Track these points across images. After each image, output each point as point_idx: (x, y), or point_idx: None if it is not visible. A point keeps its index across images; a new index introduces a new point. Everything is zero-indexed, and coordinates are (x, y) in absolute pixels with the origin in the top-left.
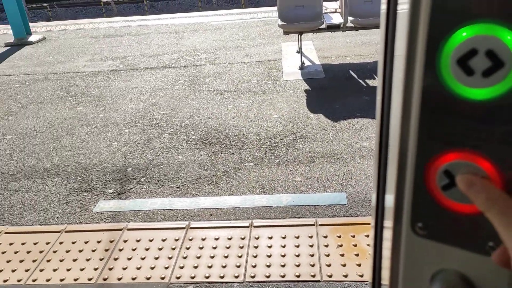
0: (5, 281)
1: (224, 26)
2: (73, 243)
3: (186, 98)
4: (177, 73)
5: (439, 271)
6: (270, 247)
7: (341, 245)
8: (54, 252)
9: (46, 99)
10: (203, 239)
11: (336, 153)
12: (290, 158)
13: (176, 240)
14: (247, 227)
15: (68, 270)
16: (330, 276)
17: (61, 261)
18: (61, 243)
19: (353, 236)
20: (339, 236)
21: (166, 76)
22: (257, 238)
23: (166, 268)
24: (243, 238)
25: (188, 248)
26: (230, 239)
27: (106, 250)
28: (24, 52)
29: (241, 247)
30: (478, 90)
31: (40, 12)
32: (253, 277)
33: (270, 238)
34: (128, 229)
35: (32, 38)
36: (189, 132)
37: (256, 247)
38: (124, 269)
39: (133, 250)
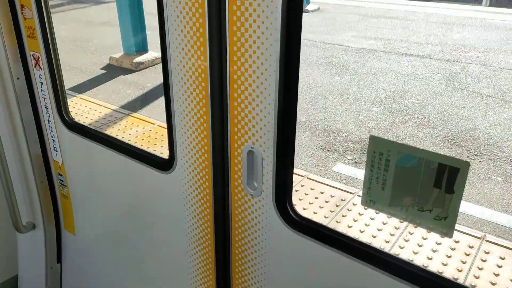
0: None
1: (502, 26)
2: (311, 189)
3: (441, 93)
4: (437, 66)
5: None
6: (500, 266)
7: None
8: (296, 191)
9: (311, 63)
10: (428, 232)
11: None
12: None
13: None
14: (478, 238)
15: (304, 209)
16: None
17: (299, 200)
18: (302, 186)
19: None
20: None
21: (424, 66)
22: (487, 253)
23: (387, 242)
24: (471, 247)
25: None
26: (457, 242)
27: (337, 206)
28: None
29: (467, 254)
30: None
31: None
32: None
33: (502, 258)
34: (359, 195)
35: (309, 7)
36: (436, 127)
37: (483, 261)
38: (350, 227)
39: (360, 214)
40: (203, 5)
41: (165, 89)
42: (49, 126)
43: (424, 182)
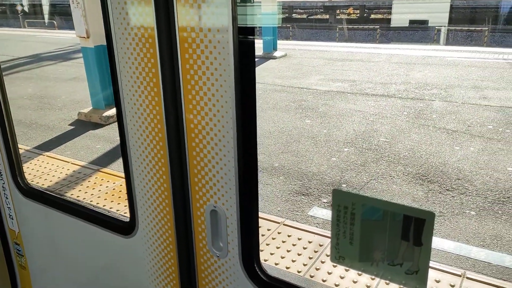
0: None
1: (461, 64)
2: (289, 236)
3: (409, 131)
4: (402, 104)
5: None
6: None
7: None
8: (273, 239)
9: (281, 108)
10: None
11: None
12: None
13: None
14: (459, 276)
15: (282, 257)
16: None
17: (277, 248)
18: (279, 233)
19: None
20: None
21: (390, 105)
22: None
23: (368, 286)
24: (452, 286)
25: None
26: (437, 281)
27: (315, 252)
28: (268, 65)
29: None
30: None
31: (281, 31)
32: None
33: None
34: None
35: (276, 54)
36: (407, 164)
37: None
38: (329, 273)
39: None
40: (154, 56)
41: (123, 151)
42: (4, 193)
43: (391, 235)
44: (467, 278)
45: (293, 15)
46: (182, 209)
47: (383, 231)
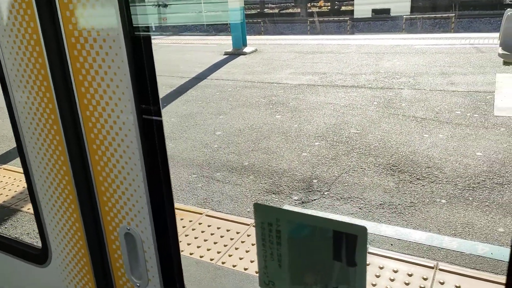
0: (201, 256)
1: (428, 51)
2: None
3: (379, 121)
4: (372, 94)
5: None
6: None
7: None
8: (242, 242)
9: (251, 104)
10: (381, 268)
11: None
12: (492, 203)
13: None
14: (432, 268)
15: (251, 261)
16: None
17: (246, 251)
18: (248, 235)
19: None
20: None
21: (361, 95)
22: (441, 283)
23: None
24: (425, 279)
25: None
26: (410, 275)
27: None
28: (238, 61)
29: None
30: None
31: (253, 26)
32: None
33: (458, 287)
34: None
35: (246, 50)
36: (378, 155)
37: None
38: None
39: None
40: (42, 55)
41: (24, 170)
42: None
43: (322, 255)
44: (440, 270)
45: (265, 10)
46: (94, 232)
47: (314, 251)
